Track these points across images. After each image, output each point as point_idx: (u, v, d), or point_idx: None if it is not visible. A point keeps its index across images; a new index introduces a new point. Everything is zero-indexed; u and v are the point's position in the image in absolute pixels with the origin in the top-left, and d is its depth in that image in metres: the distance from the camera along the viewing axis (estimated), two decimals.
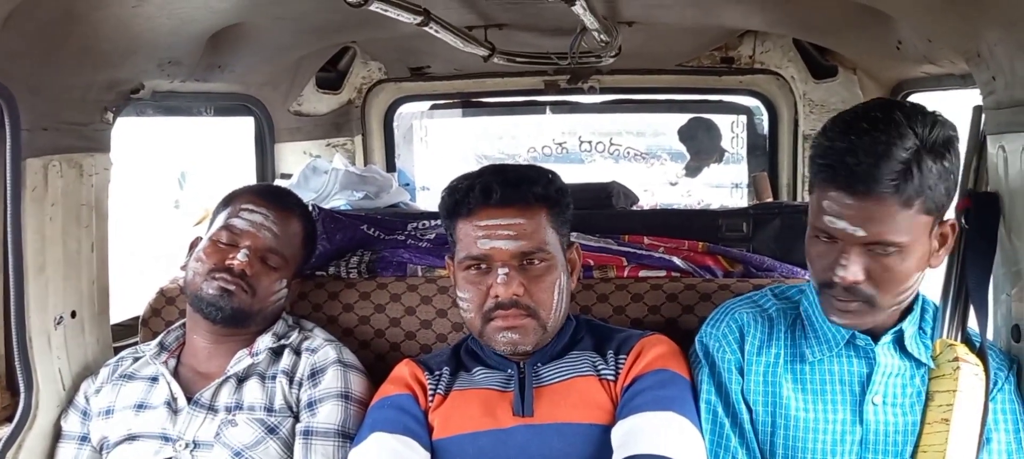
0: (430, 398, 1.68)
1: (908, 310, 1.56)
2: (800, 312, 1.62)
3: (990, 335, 1.69)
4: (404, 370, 1.74)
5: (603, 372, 1.65)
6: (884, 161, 1.37)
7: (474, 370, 1.71)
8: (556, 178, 1.72)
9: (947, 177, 1.42)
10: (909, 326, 1.55)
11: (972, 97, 1.75)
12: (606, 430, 1.57)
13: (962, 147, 1.55)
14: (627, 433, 1.52)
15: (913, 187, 1.38)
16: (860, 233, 1.40)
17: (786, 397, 1.55)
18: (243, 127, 3.08)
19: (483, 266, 1.64)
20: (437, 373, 1.72)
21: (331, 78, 3.28)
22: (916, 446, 1.49)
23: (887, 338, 1.54)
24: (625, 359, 1.65)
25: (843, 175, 1.39)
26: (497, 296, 1.61)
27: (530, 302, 1.62)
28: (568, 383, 1.64)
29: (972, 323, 1.59)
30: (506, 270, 1.61)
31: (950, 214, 1.50)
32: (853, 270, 1.42)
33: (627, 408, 1.56)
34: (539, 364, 1.67)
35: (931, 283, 1.68)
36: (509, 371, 1.67)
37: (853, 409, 1.53)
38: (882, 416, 1.52)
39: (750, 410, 1.57)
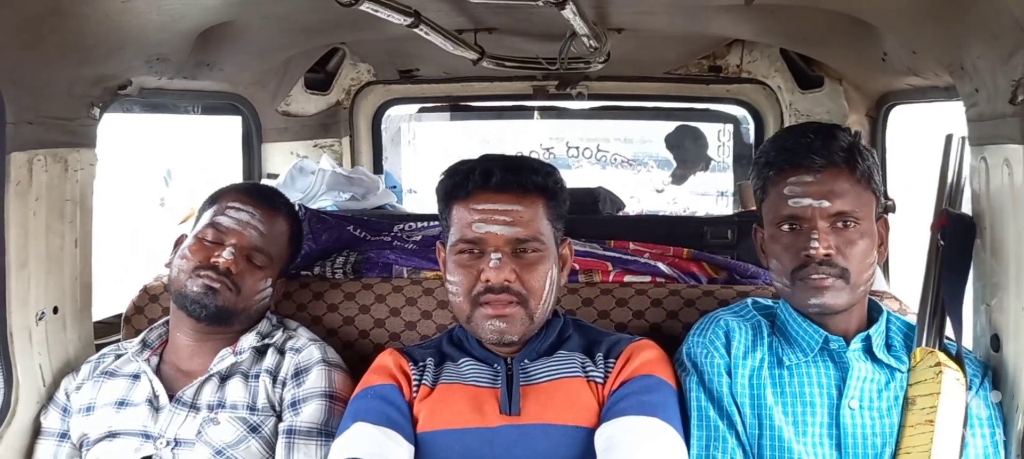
0: (415, 389, 1.66)
1: (873, 320, 1.64)
2: (776, 322, 1.67)
3: (970, 345, 1.72)
4: (388, 359, 1.72)
5: (591, 374, 1.63)
6: (833, 140, 1.57)
7: (461, 361, 1.69)
8: (555, 171, 1.72)
9: (878, 171, 1.61)
10: (876, 335, 1.61)
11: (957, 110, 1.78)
12: (592, 432, 1.56)
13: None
14: (610, 437, 1.52)
15: (859, 164, 1.57)
16: (825, 204, 1.54)
17: (769, 403, 1.57)
18: (230, 126, 3.07)
19: (476, 250, 1.62)
20: (421, 363, 1.70)
21: (320, 79, 3.27)
22: (897, 448, 1.52)
23: (856, 344, 1.60)
24: (614, 363, 1.64)
25: (802, 154, 1.57)
26: (488, 280, 1.59)
27: (521, 289, 1.61)
28: (556, 383, 1.63)
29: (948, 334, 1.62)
30: (499, 255, 1.60)
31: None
32: (825, 241, 1.53)
33: (612, 411, 1.56)
34: (527, 361, 1.66)
35: (907, 295, 1.72)
36: (496, 366, 1.66)
37: (830, 413, 1.56)
38: (858, 420, 1.55)
39: (740, 413, 1.59)
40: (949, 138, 1.75)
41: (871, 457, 1.53)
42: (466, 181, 1.64)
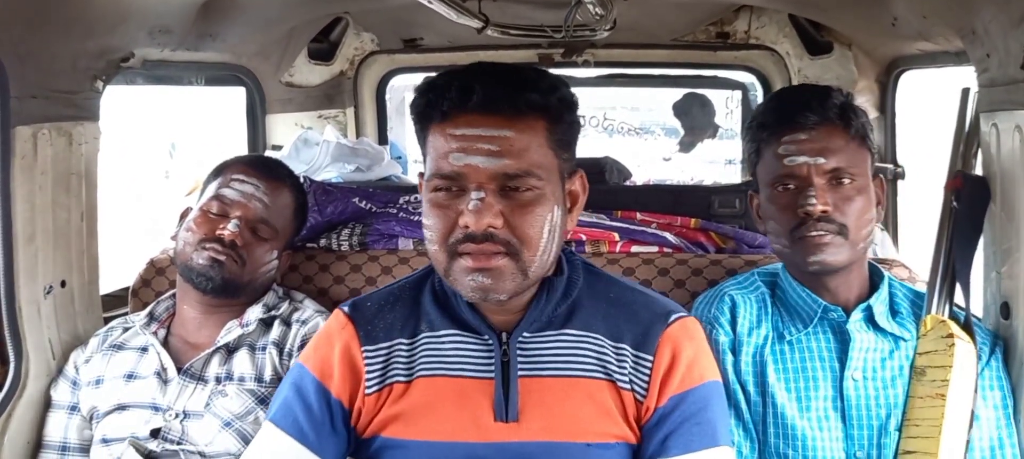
0: (369, 388, 1.35)
1: (875, 287, 1.61)
2: (778, 290, 1.65)
3: (979, 312, 1.71)
4: (336, 344, 1.38)
5: (617, 377, 1.32)
6: (827, 98, 1.57)
7: (443, 333, 1.36)
8: (561, 85, 1.31)
9: (872, 129, 1.61)
10: (878, 303, 1.59)
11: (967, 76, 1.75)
12: (622, 449, 1.31)
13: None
14: None
15: (854, 121, 1.56)
16: (821, 161, 1.53)
17: (771, 379, 1.56)
18: (234, 98, 3.06)
19: (454, 188, 1.27)
20: (385, 347, 1.37)
21: (323, 49, 3.25)
22: (904, 419, 1.51)
23: (857, 314, 1.58)
24: (650, 364, 1.32)
25: (796, 112, 1.56)
26: (467, 226, 1.24)
27: (510, 236, 1.25)
28: (569, 383, 1.32)
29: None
30: (481, 194, 1.24)
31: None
32: (822, 198, 1.52)
33: (668, 446, 1.29)
34: (526, 335, 1.34)
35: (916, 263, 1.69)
36: (488, 340, 1.34)
37: (834, 385, 1.55)
38: (862, 391, 1.54)
39: (744, 391, 1.58)
40: (966, 92, 1.71)
41: (875, 428, 1.53)
42: (440, 99, 1.27)
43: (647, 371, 1.32)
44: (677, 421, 1.30)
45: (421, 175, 1.36)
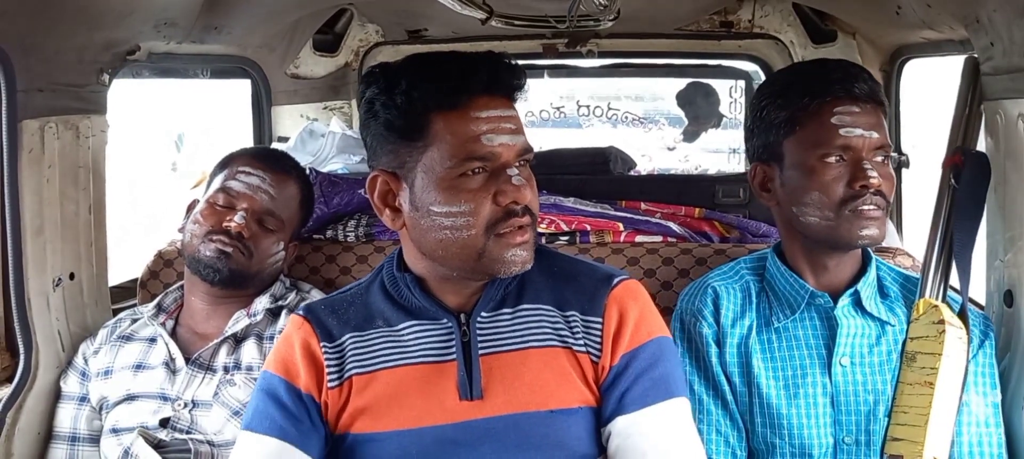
0: (331, 381, 1.37)
1: (862, 271, 1.59)
2: (766, 276, 1.64)
3: (981, 300, 1.71)
4: (295, 342, 1.40)
5: (570, 343, 1.37)
6: (864, 70, 1.54)
7: (401, 327, 1.39)
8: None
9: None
10: (865, 287, 1.57)
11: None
12: (586, 413, 1.35)
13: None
14: (629, 436, 1.31)
15: (885, 102, 1.55)
16: (875, 136, 1.51)
17: (757, 368, 1.56)
18: (240, 90, 3.07)
19: (487, 168, 1.31)
20: (340, 342, 1.39)
21: (328, 41, 3.25)
22: (893, 404, 1.50)
23: (845, 300, 1.57)
24: (600, 325, 1.37)
25: (851, 83, 1.51)
26: (515, 203, 1.30)
27: (535, 208, 1.36)
28: (526, 354, 1.36)
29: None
30: (517, 171, 1.32)
31: None
32: (878, 172, 1.50)
33: (625, 402, 1.33)
34: (484, 315, 1.38)
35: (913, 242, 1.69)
36: (447, 324, 1.38)
37: (822, 371, 1.55)
38: (850, 377, 1.54)
39: (729, 381, 1.58)
40: (968, 64, 1.69)
41: (864, 413, 1.53)
42: (464, 86, 1.31)
43: (598, 332, 1.37)
44: (631, 378, 1.34)
45: (390, 172, 1.36)
